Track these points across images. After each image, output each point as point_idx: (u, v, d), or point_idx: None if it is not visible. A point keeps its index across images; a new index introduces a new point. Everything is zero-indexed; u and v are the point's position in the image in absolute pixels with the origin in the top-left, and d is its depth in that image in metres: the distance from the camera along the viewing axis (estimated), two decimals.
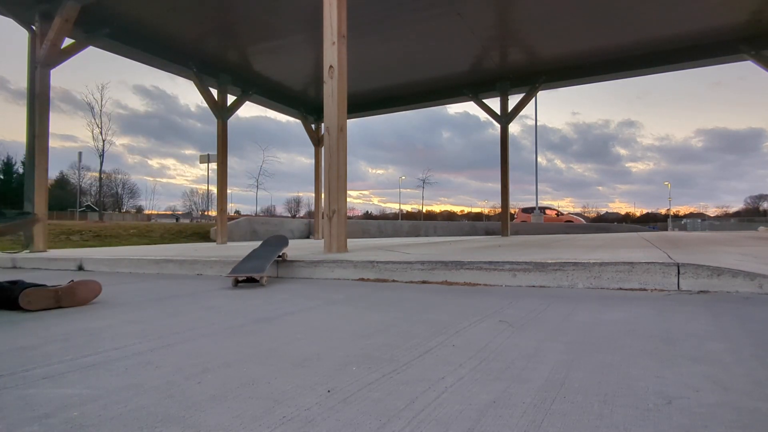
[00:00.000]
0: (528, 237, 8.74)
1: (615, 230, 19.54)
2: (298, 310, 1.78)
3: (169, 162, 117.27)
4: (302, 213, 65.92)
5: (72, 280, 2.03)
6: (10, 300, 1.83)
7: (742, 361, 1.01)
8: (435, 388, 0.88)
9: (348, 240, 3.70)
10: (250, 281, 2.63)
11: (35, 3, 5.12)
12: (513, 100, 8.36)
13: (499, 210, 9.24)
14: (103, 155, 43.61)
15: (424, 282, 2.48)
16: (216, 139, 7.58)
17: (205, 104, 7.37)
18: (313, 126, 9.71)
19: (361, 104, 9.26)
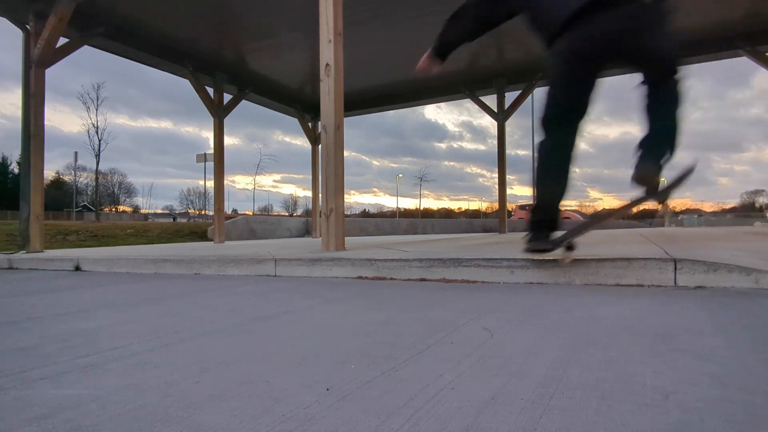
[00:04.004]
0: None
1: (611, 226, 19.58)
2: (296, 308, 1.78)
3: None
4: (299, 212, 65.95)
5: None
6: None
7: (739, 356, 1.01)
8: (434, 386, 0.88)
9: (346, 238, 3.70)
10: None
11: (29, 2, 5.08)
12: (510, 98, 8.39)
13: (497, 207, 9.25)
14: (99, 155, 43.45)
15: (422, 279, 2.48)
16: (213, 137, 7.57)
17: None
18: (309, 124, 9.68)
19: (357, 102, 9.23)
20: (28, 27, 5.24)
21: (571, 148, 2.06)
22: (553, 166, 2.08)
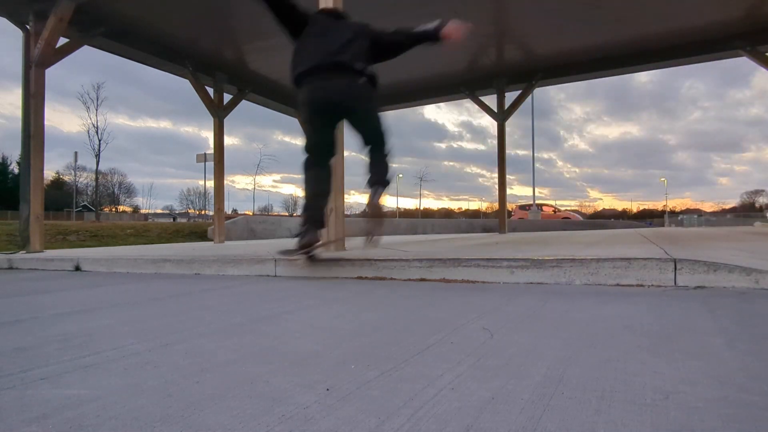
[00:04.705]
0: (525, 234, 8.76)
1: (611, 226, 19.61)
2: (296, 308, 1.78)
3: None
4: (300, 212, 65.91)
5: None
6: None
7: (739, 356, 1.01)
8: (433, 386, 0.88)
9: (346, 238, 3.70)
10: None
11: (30, 2, 5.08)
12: (510, 98, 8.39)
13: (497, 207, 9.25)
14: (99, 155, 43.48)
15: (422, 279, 2.48)
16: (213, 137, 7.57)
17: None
18: None
19: None
20: (28, 27, 5.24)
21: (327, 169, 2.83)
22: (314, 181, 2.78)
